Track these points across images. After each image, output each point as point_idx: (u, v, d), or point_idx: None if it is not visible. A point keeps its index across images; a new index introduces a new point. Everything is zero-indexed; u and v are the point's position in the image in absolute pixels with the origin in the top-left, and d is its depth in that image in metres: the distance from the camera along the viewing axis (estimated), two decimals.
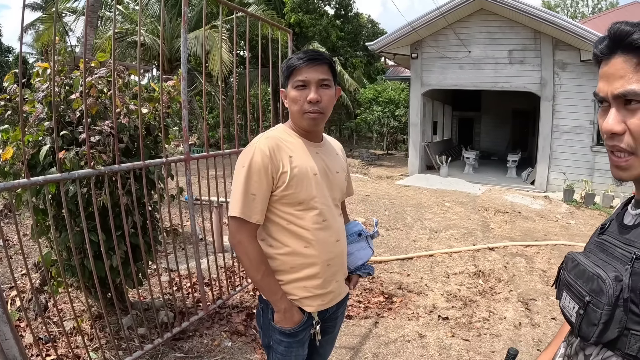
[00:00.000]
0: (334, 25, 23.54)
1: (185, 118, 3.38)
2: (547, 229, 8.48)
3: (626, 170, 0.94)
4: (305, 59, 1.76)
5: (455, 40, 13.74)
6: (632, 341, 0.88)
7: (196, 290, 3.94)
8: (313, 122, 1.81)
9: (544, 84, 12.83)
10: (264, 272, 1.78)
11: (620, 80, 0.90)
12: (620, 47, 0.91)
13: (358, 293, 4.73)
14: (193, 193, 3.50)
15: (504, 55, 13.40)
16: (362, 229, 2.13)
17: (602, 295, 0.91)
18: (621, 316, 0.89)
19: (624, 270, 0.91)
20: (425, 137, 16.15)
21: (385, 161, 20.78)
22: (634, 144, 0.91)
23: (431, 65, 14.47)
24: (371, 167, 17.63)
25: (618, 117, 0.92)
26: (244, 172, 1.74)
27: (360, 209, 8.57)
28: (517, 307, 4.65)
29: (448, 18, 13.26)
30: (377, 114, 23.29)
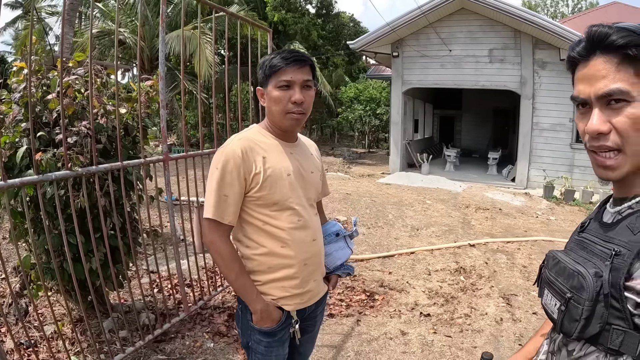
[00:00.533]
0: (315, 24, 23.55)
1: (164, 118, 3.35)
2: (527, 225, 8.59)
3: (614, 170, 0.96)
4: (290, 59, 1.75)
5: (436, 39, 13.84)
6: (614, 336, 0.90)
7: (177, 291, 3.92)
8: (295, 123, 1.82)
9: (524, 82, 13.02)
10: (238, 272, 1.78)
11: (603, 80, 0.92)
12: (600, 48, 0.93)
13: (340, 291, 4.74)
14: (173, 193, 3.48)
15: (485, 54, 13.55)
16: (340, 228, 2.14)
17: (582, 292, 0.93)
18: (602, 311, 0.91)
19: (604, 266, 0.93)
20: (407, 135, 16.23)
21: (366, 159, 20.83)
22: (621, 142, 0.92)
23: (412, 64, 14.55)
24: (353, 165, 17.65)
25: (603, 117, 0.93)
26: (217, 173, 1.74)
27: (341, 208, 8.59)
28: (498, 303, 4.71)
29: (429, 17, 13.34)
30: (358, 112, 23.34)
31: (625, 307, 0.89)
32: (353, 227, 2.23)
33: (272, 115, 1.83)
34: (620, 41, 0.90)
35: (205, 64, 12.88)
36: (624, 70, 0.91)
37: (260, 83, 1.86)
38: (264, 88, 1.83)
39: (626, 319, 0.89)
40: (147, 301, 3.90)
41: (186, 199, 4.04)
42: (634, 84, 0.90)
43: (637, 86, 0.90)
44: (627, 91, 0.90)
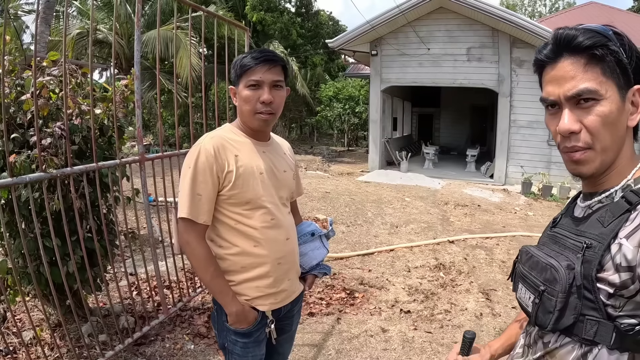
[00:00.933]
0: (295, 22, 23.50)
1: (139, 118, 3.31)
2: (506, 221, 8.71)
3: (585, 164, 0.98)
4: (260, 59, 1.75)
5: (414, 37, 13.93)
6: (588, 326, 0.93)
7: (156, 293, 3.88)
8: (264, 123, 1.82)
9: (501, 80, 13.20)
10: (213, 273, 1.77)
11: (571, 81, 0.95)
12: (567, 50, 0.96)
13: (320, 290, 4.75)
14: (151, 194, 3.44)
15: (463, 52, 13.70)
16: (315, 228, 2.14)
17: (555, 284, 0.95)
18: (576, 303, 0.94)
19: (576, 258, 0.96)
20: (385, 133, 16.32)
21: (346, 158, 20.88)
22: (591, 140, 0.95)
23: (391, 62, 14.63)
24: (332, 163, 17.68)
25: (573, 117, 0.96)
26: (190, 172, 1.73)
27: (320, 206, 8.60)
28: (477, 298, 4.77)
29: (408, 16, 13.42)
30: (337, 110, 23.36)
31: (598, 298, 0.92)
32: (329, 226, 2.23)
33: (243, 114, 1.84)
34: (586, 42, 0.93)
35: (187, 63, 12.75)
36: (591, 70, 0.93)
37: (232, 82, 1.86)
38: (235, 87, 1.83)
39: (599, 309, 0.92)
40: (126, 304, 3.86)
41: (164, 199, 4.00)
42: (601, 82, 0.93)
43: (604, 85, 0.93)
44: (595, 90, 0.93)
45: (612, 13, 17.38)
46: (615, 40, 0.93)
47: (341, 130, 26.13)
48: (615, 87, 0.94)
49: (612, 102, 0.93)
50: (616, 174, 1.00)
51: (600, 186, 1.03)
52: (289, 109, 24.13)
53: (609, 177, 1.01)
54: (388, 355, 3.60)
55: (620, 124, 0.95)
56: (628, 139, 1.00)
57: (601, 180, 1.02)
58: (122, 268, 4.66)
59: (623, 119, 0.96)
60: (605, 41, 0.93)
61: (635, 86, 0.95)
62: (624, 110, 0.95)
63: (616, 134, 0.96)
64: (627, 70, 0.94)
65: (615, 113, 0.93)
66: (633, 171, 1.00)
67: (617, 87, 0.94)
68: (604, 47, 0.92)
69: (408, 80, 14.78)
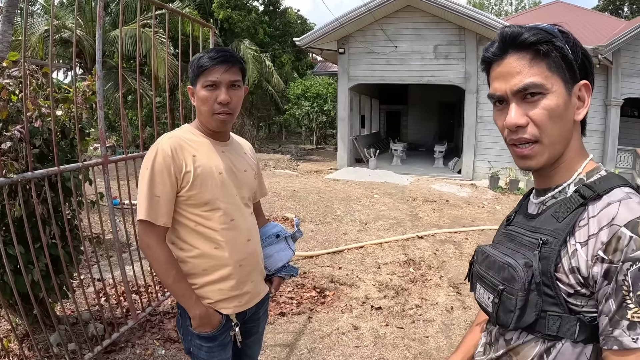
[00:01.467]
0: (263, 21, 23.37)
1: (102, 119, 3.24)
2: (474, 215, 8.87)
3: (533, 158, 0.99)
4: (217, 59, 1.73)
5: (382, 35, 14.05)
6: (550, 322, 0.94)
7: (125, 299, 3.80)
8: (222, 123, 1.80)
9: (468, 77, 13.45)
10: (175, 276, 1.75)
11: (518, 76, 0.96)
12: (512, 46, 0.98)
13: (290, 289, 4.74)
14: (116, 197, 3.37)
15: (430, 50, 13.92)
16: (280, 230, 2.13)
17: (514, 282, 0.95)
18: (536, 300, 0.94)
19: (533, 255, 0.96)
20: (354, 130, 16.41)
21: (314, 156, 20.91)
22: (539, 133, 0.96)
23: (358, 60, 14.71)
24: (300, 162, 17.68)
25: (520, 111, 0.97)
26: (148, 174, 1.71)
27: (289, 205, 8.59)
28: (448, 292, 4.84)
29: (375, 14, 13.53)
30: (305, 109, 23.38)
31: (559, 293, 0.93)
32: (295, 227, 2.21)
33: (201, 114, 1.82)
34: (532, 38, 0.95)
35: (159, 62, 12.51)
36: (537, 65, 0.95)
37: (190, 82, 1.83)
38: (193, 87, 1.81)
39: (561, 304, 0.93)
40: (94, 311, 3.77)
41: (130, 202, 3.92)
42: (547, 77, 0.95)
43: (550, 79, 0.95)
44: (541, 84, 0.94)
45: (577, 12, 17.87)
46: (560, 37, 0.95)
47: (310, 129, 26.18)
48: (561, 81, 0.95)
49: (559, 96, 0.95)
50: (566, 169, 1.02)
51: (552, 181, 1.04)
52: (257, 107, 24.04)
53: (559, 171, 1.02)
54: (360, 352, 3.62)
55: (567, 117, 0.97)
56: (576, 133, 1.02)
57: (551, 174, 1.04)
58: (88, 274, 4.57)
59: (570, 112, 0.97)
60: (550, 38, 0.95)
61: (582, 81, 0.98)
62: (570, 104, 0.97)
63: (563, 127, 0.97)
64: (573, 66, 0.96)
65: (562, 107, 0.95)
66: (583, 164, 1.02)
67: (563, 82, 0.96)
68: (549, 43, 0.94)
69: (375, 78, 14.91)
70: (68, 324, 3.25)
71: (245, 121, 21.94)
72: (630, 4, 31.78)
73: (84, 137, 3.31)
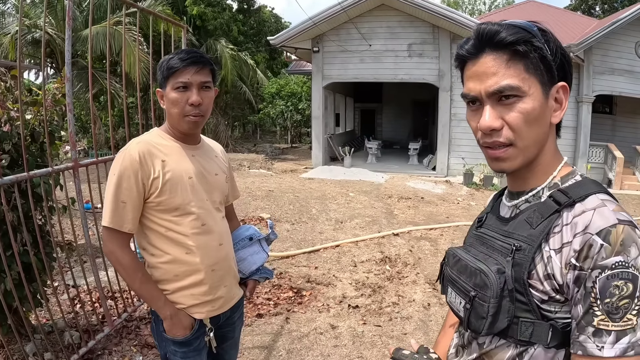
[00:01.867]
0: (237, 19, 23.22)
1: (71, 122, 3.17)
2: (449, 212, 8.98)
3: (507, 161, 0.97)
4: (187, 60, 1.71)
5: (356, 34, 14.12)
6: (522, 328, 0.93)
7: (100, 305, 3.74)
8: (194, 125, 1.78)
9: (442, 75, 13.63)
10: (141, 279, 1.73)
11: (493, 77, 0.93)
12: (489, 45, 0.94)
13: (267, 290, 4.72)
14: (88, 201, 3.31)
15: (404, 48, 14.05)
16: (254, 232, 2.11)
17: (486, 289, 0.93)
18: (509, 306, 0.92)
19: (506, 262, 0.95)
20: (328, 129, 16.44)
21: (289, 155, 20.89)
22: (513, 137, 0.94)
23: (332, 59, 14.76)
24: (275, 161, 17.64)
25: (495, 114, 0.94)
26: (114, 179, 1.68)
27: (264, 205, 8.56)
28: (424, 289, 4.89)
29: (349, 13, 13.57)
30: (280, 108, 23.32)
31: (532, 300, 0.92)
32: (269, 230, 2.21)
33: (171, 117, 1.78)
34: (510, 38, 0.91)
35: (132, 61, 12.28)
36: (514, 66, 0.92)
37: (159, 84, 1.80)
38: (163, 90, 1.78)
39: (533, 310, 0.92)
40: (69, 319, 3.70)
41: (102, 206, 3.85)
42: (524, 79, 0.92)
43: (527, 81, 0.92)
44: (517, 87, 0.91)
45: (550, 11, 18.24)
46: (539, 36, 0.92)
47: (284, 127, 26.12)
48: (539, 83, 0.92)
49: (535, 99, 0.92)
50: (541, 172, 1.00)
51: (526, 184, 1.02)
52: (232, 107, 23.88)
53: (534, 174, 1.01)
54: (339, 351, 3.64)
55: (543, 120, 0.95)
56: (551, 136, 1.00)
57: (526, 177, 1.02)
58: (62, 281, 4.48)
59: (546, 115, 0.95)
60: (528, 37, 0.91)
61: (560, 83, 0.95)
62: (547, 107, 0.94)
63: (539, 131, 0.95)
64: (551, 67, 0.93)
65: (538, 110, 0.93)
66: (558, 168, 1.00)
67: (540, 84, 0.93)
68: (528, 43, 0.91)
69: (350, 77, 14.98)
70: (44, 333, 3.19)
71: (220, 121, 21.78)
72: (602, 4, 32.50)
73: (53, 141, 3.24)
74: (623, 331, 0.81)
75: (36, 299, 3.18)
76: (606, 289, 0.82)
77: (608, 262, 0.82)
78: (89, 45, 3.53)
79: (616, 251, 0.82)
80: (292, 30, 14.35)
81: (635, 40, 14.12)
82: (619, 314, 0.82)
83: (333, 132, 17.47)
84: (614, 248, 0.83)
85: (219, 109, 21.60)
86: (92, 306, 3.85)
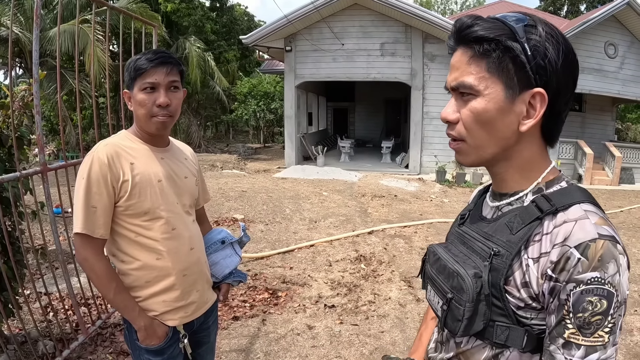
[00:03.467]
0: (209, 17, 23.02)
1: (39, 125, 3.09)
2: (422, 209, 9.08)
3: (460, 154, 0.98)
4: (155, 60, 1.68)
5: (329, 33, 14.16)
6: (498, 331, 0.93)
7: (74, 312, 3.65)
8: (162, 126, 1.74)
9: (414, 74, 13.80)
10: (116, 289, 1.69)
11: (455, 72, 0.93)
12: (461, 39, 0.93)
13: (242, 292, 4.68)
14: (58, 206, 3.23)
15: (377, 47, 14.19)
16: (225, 235, 2.10)
17: (463, 293, 0.93)
18: (484, 310, 0.92)
19: (483, 266, 0.94)
20: (301, 128, 16.43)
21: (262, 154, 20.82)
22: (465, 134, 0.94)
23: (305, 58, 14.77)
24: (248, 161, 17.55)
25: (454, 107, 0.95)
26: (84, 184, 1.63)
27: (238, 206, 8.50)
28: (400, 286, 4.93)
29: (322, 12, 13.62)
30: (252, 107, 23.21)
31: (507, 306, 0.92)
32: (241, 233, 2.19)
33: (139, 119, 1.75)
34: (474, 34, 0.90)
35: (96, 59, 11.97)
36: (475, 63, 0.90)
37: (127, 86, 1.76)
38: (130, 91, 1.74)
39: (509, 315, 0.92)
40: (42, 328, 3.61)
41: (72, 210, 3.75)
42: (482, 78, 0.89)
43: (485, 81, 0.89)
44: (470, 85, 0.90)
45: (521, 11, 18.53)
46: (520, 33, 0.87)
47: (257, 127, 26.01)
48: (502, 85, 0.89)
49: (490, 101, 0.89)
50: (521, 175, 0.98)
51: (507, 186, 1.00)
52: (204, 107, 23.66)
53: (512, 177, 0.99)
54: (317, 352, 3.64)
55: (501, 124, 0.91)
56: (531, 141, 0.95)
57: (504, 179, 1.00)
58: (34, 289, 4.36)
59: (508, 119, 0.91)
60: (499, 34, 0.88)
61: (536, 89, 0.88)
62: (510, 112, 0.90)
63: (494, 134, 0.92)
64: (525, 69, 0.87)
65: (492, 112, 0.90)
66: (543, 174, 0.97)
67: (505, 86, 0.89)
68: (495, 42, 0.88)
69: (322, 76, 15.02)
70: (17, 344, 3.10)
71: (192, 121, 21.57)
72: (570, 5, 33.26)
73: (22, 145, 3.15)
74: (593, 347, 0.82)
75: (7, 308, 3.09)
76: (579, 303, 0.82)
77: (584, 277, 0.82)
78: (57, 44, 3.44)
79: (593, 266, 0.81)
80: (265, 29, 14.30)
81: (605, 40, 14.59)
82: (590, 330, 0.82)
83: (306, 131, 17.47)
84: (591, 263, 0.81)
85: (190, 109, 21.37)
86: (65, 314, 3.76)
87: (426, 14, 13.19)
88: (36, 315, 3.73)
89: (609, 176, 14.13)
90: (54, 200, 3.32)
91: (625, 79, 15.07)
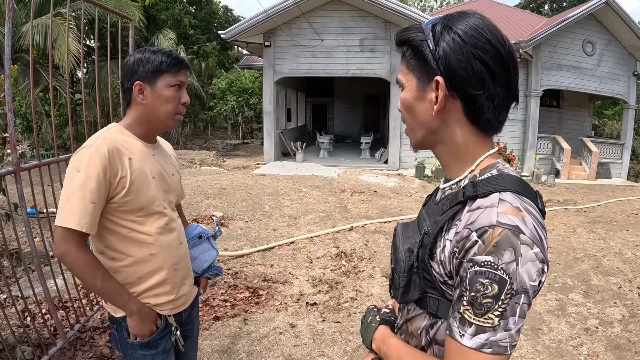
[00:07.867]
0: (188, 11, 22.78)
1: (12, 123, 3.00)
2: (402, 204, 9.11)
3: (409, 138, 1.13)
4: (183, 62, 1.76)
5: (308, 28, 14.15)
6: (431, 302, 1.04)
7: (51, 317, 3.56)
8: (176, 124, 1.83)
9: (393, 70, 13.89)
10: (102, 276, 1.63)
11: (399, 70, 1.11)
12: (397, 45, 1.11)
13: (223, 291, 4.62)
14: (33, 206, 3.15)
15: (356, 43, 14.25)
16: (202, 230, 2.10)
17: (398, 264, 1.08)
18: (419, 281, 1.04)
19: (417, 243, 1.05)
20: (280, 124, 16.39)
21: (241, 151, 20.69)
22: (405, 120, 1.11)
23: (284, 53, 14.72)
24: (227, 158, 17.40)
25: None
26: (80, 176, 1.56)
27: (217, 203, 8.40)
28: (382, 282, 4.94)
29: (302, 7, 13.61)
30: (231, 103, 23.04)
31: (434, 280, 1.01)
32: (215, 227, 2.20)
33: (157, 114, 1.73)
34: (396, 41, 1.09)
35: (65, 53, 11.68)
36: (403, 63, 1.08)
37: (140, 77, 1.70)
38: (148, 85, 1.70)
39: (437, 289, 1.01)
40: (19, 333, 3.51)
41: (51, 210, 3.67)
42: (405, 74, 1.07)
43: (407, 76, 1.06)
44: (399, 81, 1.08)
45: (500, 8, 18.88)
46: (426, 32, 1.02)
47: (235, 123, 25.84)
48: (415, 78, 1.04)
49: (408, 91, 1.06)
50: (457, 161, 1.06)
51: (449, 172, 1.10)
52: None
53: (450, 162, 1.08)
54: (300, 350, 3.62)
55: (418, 110, 1.04)
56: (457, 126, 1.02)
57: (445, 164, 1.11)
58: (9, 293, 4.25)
59: (423, 106, 1.03)
60: (411, 37, 1.04)
61: (436, 77, 0.98)
62: (424, 99, 1.03)
63: (416, 118, 1.06)
64: (428, 63, 1.00)
65: (410, 100, 1.05)
66: (477, 162, 1.03)
67: (417, 79, 1.03)
68: (407, 44, 1.05)
69: (301, 71, 14.98)
70: None
71: None
72: (551, 3, 33.68)
73: None
74: (482, 327, 0.87)
75: None
76: (473, 282, 0.87)
77: (478, 259, 0.87)
78: (30, 38, 3.34)
79: (488, 251, 0.86)
80: (243, 24, 14.20)
81: (583, 38, 14.89)
82: (482, 311, 0.87)
83: (285, 127, 17.42)
84: (486, 248, 0.86)
85: None
86: (42, 318, 3.67)
87: (405, 10, 13.24)
88: (13, 320, 3.63)
89: (586, 171, 14.42)
90: (28, 201, 3.23)
91: (602, 76, 15.40)
